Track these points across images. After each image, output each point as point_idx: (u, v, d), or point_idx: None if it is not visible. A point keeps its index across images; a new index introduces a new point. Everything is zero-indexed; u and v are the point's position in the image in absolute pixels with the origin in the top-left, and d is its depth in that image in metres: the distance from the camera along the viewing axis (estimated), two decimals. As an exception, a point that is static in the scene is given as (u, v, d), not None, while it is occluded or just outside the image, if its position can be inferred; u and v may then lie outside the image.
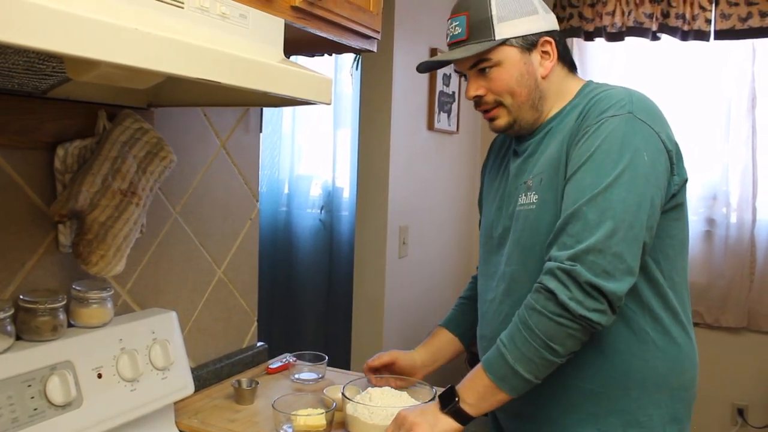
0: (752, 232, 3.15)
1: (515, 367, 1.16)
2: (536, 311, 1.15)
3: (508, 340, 1.18)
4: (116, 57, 0.77)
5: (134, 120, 1.34)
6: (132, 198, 1.30)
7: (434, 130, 3.03)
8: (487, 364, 1.20)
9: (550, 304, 1.14)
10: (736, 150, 3.15)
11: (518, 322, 1.18)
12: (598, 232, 1.13)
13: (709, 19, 3.05)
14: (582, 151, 1.21)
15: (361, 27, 1.47)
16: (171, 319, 1.43)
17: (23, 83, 1.12)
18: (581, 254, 1.13)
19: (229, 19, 1.02)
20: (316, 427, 1.35)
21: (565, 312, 1.12)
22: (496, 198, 1.44)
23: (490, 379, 1.19)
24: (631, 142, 1.18)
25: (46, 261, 1.29)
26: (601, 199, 1.15)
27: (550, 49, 1.33)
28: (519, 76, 1.30)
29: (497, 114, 1.35)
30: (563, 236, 1.17)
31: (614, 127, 1.19)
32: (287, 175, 3.38)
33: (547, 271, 1.16)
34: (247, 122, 1.80)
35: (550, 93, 1.34)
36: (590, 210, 1.15)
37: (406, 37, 2.72)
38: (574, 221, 1.15)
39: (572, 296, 1.12)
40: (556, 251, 1.16)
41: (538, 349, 1.14)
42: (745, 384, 3.22)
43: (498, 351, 1.19)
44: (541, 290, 1.16)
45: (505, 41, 1.29)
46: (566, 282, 1.13)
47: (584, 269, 1.11)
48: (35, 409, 1.11)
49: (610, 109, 1.22)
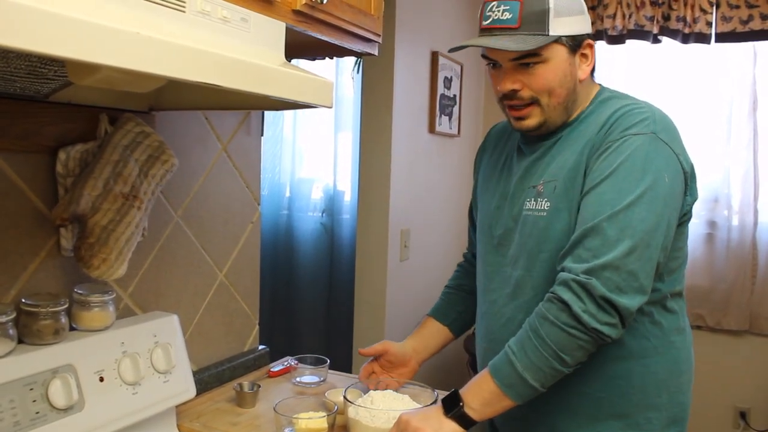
0: (754, 234, 3.15)
1: (523, 375, 1.15)
2: (548, 321, 1.15)
3: (517, 348, 1.18)
4: (118, 61, 0.77)
5: (136, 124, 1.35)
6: (134, 201, 1.31)
7: (435, 134, 3.03)
8: (495, 370, 1.20)
9: (563, 315, 1.13)
10: (737, 153, 3.15)
11: (529, 330, 1.18)
12: (616, 249, 1.13)
13: (710, 22, 3.05)
14: (604, 165, 1.20)
15: (362, 30, 1.47)
16: (173, 322, 1.43)
17: (25, 87, 1.13)
18: (598, 269, 1.13)
19: (230, 23, 1.03)
20: (317, 430, 1.35)
21: (578, 324, 1.13)
22: (495, 195, 1.42)
23: (496, 386, 1.18)
24: (653, 163, 1.18)
25: (47, 265, 1.29)
26: (622, 216, 1.14)
27: (590, 53, 1.30)
28: (563, 76, 1.27)
29: (529, 113, 1.30)
30: (580, 249, 1.16)
31: (638, 146, 1.19)
32: (288, 179, 3.39)
33: (561, 282, 1.16)
34: (248, 126, 1.80)
35: (581, 97, 1.33)
36: (610, 226, 1.14)
37: (408, 40, 2.73)
38: (593, 236, 1.15)
39: (586, 309, 1.12)
40: (571, 263, 1.16)
41: (547, 359, 1.14)
42: (747, 387, 3.21)
43: (506, 358, 1.19)
44: (554, 300, 1.15)
45: (558, 38, 1.25)
46: (581, 294, 1.13)
47: (599, 284, 1.12)
48: (37, 413, 1.11)
49: (634, 126, 1.22)
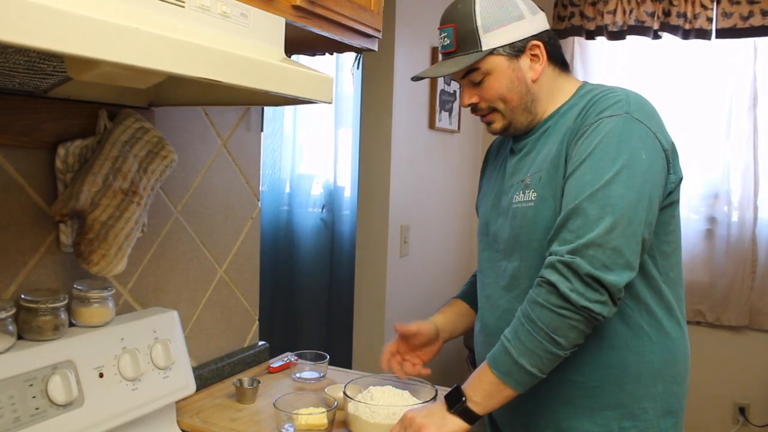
0: (753, 230, 3.15)
1: (519, 360, 1.17)
2: (538, 304, 1.17)
3: (511, 335, 1.20)
4: (117, 56, 0.77)
5: (135, 119, 1.34)
6: (133, 197, 1.31)
7: (435, 129, 3.03)
8: (492, 360, 1.21)
9: (552, 296, 1.15)
10: (737, 148, 3.15)
11: (521, 316, 1.20)
12: (598, 227, 1.15)
13: (711, 18, 3.04)
14: (582, 149, 1.23)
15: (362, 26, 1.47)
16: (172, 318, 1.43)
17: (24, 83, 1.12)
18: (581, 248, 1.15)
19: (229, 19, 1.02)
20: (317, 426, 1.35)
21: (566, 303, 1.14)
22: (491, 195, 1.46)
23: (495, 375, 1.19)
24: (628, 141, 1.20)
25: (47, 260, 1.29)
26: (600, 194, 1.17)
27: (539, 53, 1.34)
28: (509, 83, 1.33)
29: (492, 119, 1.38)
30: (564, 232, 1.18)
31: (612, 127, 1.22)
32: (288, 175, 3.39)
33: (547, 265, 1.18)
34: (248, 121, 1.80)
35: (542, 95, 1.36)
36: (590, 206, 1.17)
37: (408, 35, 2.72)
38: (575, 217, 1.17)
39: (573, 288, 1.14)
40: (557, 246, 1.18)
41: (541, 342, 1.16)
42: (747, 382, 3.21)
43: (502, 346, 1.20)
44: (542, 284, 1.17)
45: (492, 51, 1.31)
46: (566, 274, 1.14)
47: (584, 262, 1.13)
48: (37, 409, 1.11)
49: (607, 109, 1.25)
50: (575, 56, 3.38)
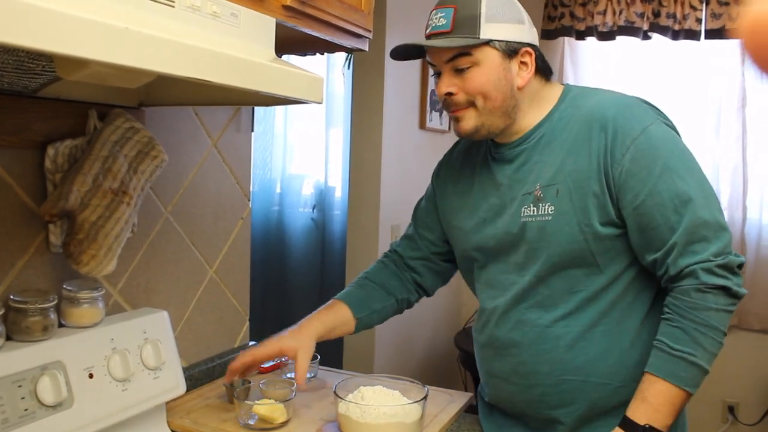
0: (742, 230, 3.17)
1: (706, 368, 1.21)
2: (714, 310, 1.19)
3: (693, 349, 1.19)
4: (106, 56, 0.77)
5: (125, 119, 1.34)
6: (123, 197, 1.30)
7: (426, 129, 3.03)
8: (683, 381, 1.20)
9: (722, 298, 1.20)
10: (726, 149, 3.17)
11: (696, 328, 1.19)
12: (716, 224, 1.22)
13: (700, 19, 3.06)
14: (642, 165, 1.23)
15: (352, 26, 1.47)
16: (162, 318, 1.43)
17: (13, 82, 1.12)
18: (722, 246, 1.21)
19: (220, 18, 1.02)
20: (272, 415, 1.41)
21: (736, 299, 1.21)
22: (479, 210, 1.41)
23: (686, 392, 1.20)
24: (678, 142, 1.28)
25: (36, 261, 1.28)
26: (699, 197, 1.22)
27: (529, 61, 1.32)
28: (497, 80, 1.29)
29: (465, 115, 1.33)
30: (693, 245, 1.21)
31: (659, 134, 1.26)
32: (279, 175, 3.38)
33: (704, 271, 1.20)
34: (238, 121, 1.80)
35: (523, 104, 1.34)
36: (701, 212, 1.21)
37: (398, 36, 2.72)
38: (697, 228, 1.21)
39: (735, 282, 1.21)
40: (694, 257, 1.21)
41: (721, 343, 1.21)
42: (736, 381, 3.24)
43: (684, 362, 1.20)
44: (708, 290, 1.20)
45: (489, 42, 1.28)
46: (726, 274, 1.20)
47: (732, 256, 1.21)
48: (26, 410, 1.11)
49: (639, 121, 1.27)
50: (565, 56, 3.39)
